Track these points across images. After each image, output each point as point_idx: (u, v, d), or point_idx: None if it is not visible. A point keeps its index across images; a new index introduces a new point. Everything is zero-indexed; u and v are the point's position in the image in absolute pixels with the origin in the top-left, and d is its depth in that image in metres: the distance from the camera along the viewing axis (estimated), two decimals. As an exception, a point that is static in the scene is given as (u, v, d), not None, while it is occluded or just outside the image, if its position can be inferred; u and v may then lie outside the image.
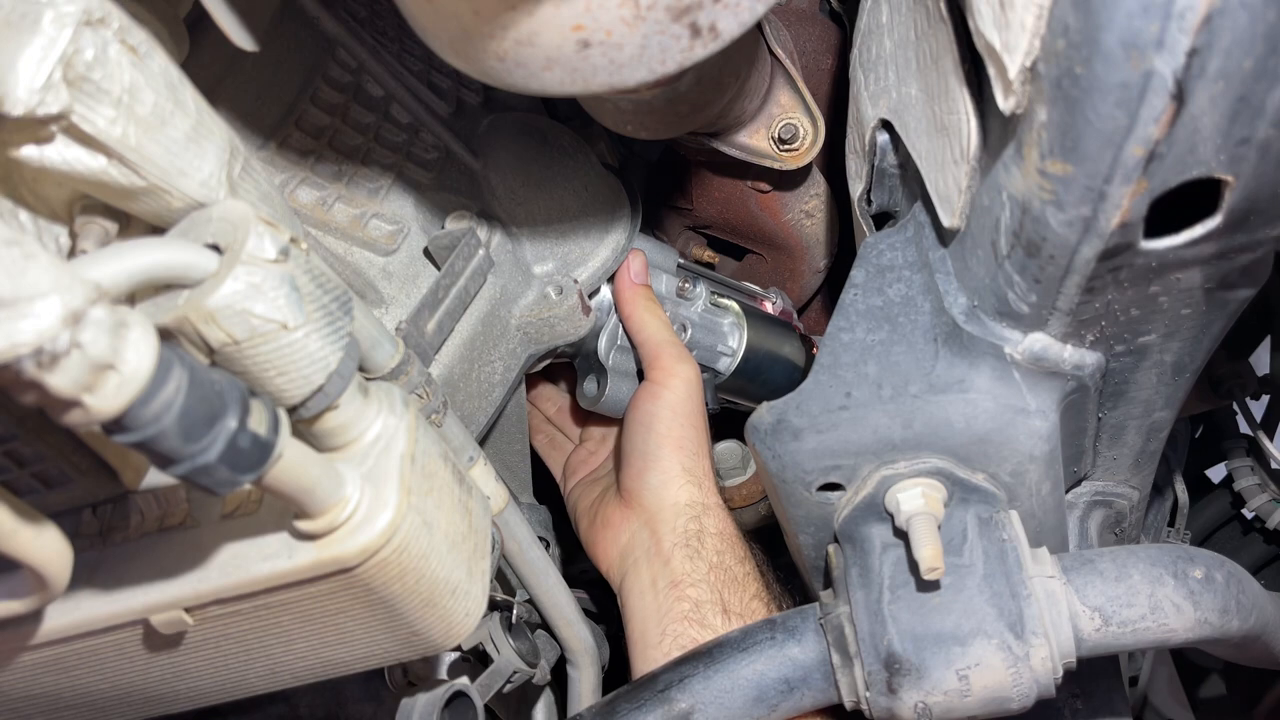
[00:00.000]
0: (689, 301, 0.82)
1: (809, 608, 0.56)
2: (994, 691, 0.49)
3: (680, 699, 0.53)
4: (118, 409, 0.31)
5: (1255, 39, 0.34)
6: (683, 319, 0.81)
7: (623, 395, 0.80)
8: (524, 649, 0.74)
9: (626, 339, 0.80)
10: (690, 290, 0.82)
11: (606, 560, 0.77)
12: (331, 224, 0.67)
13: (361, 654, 0.51)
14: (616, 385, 0.79)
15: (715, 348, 0.84)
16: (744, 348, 0.85)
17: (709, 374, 0.85)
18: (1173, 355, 0.52)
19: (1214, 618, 0.50)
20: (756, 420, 0.52)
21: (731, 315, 0.85)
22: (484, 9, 0.42)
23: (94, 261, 0.36)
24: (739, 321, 0.85)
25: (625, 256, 0.79)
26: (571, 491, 0.86)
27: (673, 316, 0.81)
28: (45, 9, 0.36)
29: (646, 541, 0.74)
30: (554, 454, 0.92)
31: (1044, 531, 0.55)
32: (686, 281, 0.82)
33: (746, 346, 0.85)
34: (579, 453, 0.89)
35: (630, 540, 0.75)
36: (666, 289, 0.82)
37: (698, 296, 0.83)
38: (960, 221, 0.49)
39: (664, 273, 0.83)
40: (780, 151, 0.76)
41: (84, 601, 0.46)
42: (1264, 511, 1.11)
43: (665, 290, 0.82)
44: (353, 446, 0.46)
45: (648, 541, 0.73)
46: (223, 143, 0.43)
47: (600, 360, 0.79)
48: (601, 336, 0.79)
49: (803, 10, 0.82)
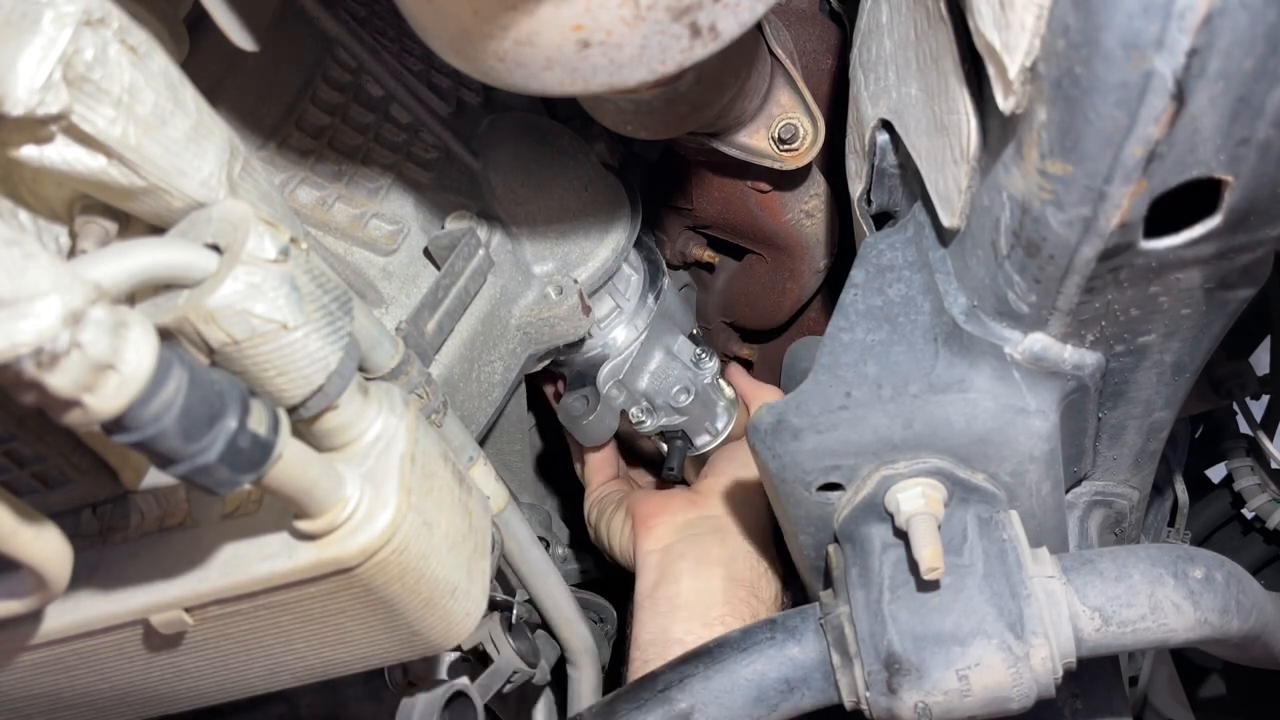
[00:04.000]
0: (700, 371, 0.84)
1: (809, 608, 0.56)
2: (994, 691, 0.49)
3: (680, 699, 0.53)
4: (118, 409, 0.31)
5: (1255, 39, 0.34)
6: (688, 383, 0.83)
7: (603, 428, 0.81)
8: (524, 649, 0.74)
9: (631, 380, 0.82)
10: (705, 362, 0.85)
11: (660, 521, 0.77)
12: (331, 224, 0.67)
13: (361, 654, 0.51)
14: (602, 415, 0.80)
15: (704, 423, 0.86)
16: (728, 434, 0.87)
17: (684, 443, 0.87)
18: (1173, 355, 0.52)
19: (1214, 618, 0.50)
20: (757, 420, 0.52)
21: (726, 400, 0.88)
22: (484, 9, 0.42)
23: (94, 261, 0.36)
24: (730, 408, 0.87)
25: (625, 256, 0.79)
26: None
27: (679, 378, 0.83)
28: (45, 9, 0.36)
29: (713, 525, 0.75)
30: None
31: (1044, 531, 0.55)
32: (704, 352, 0.85)
33: (730, 434, 0.87)
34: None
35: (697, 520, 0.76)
36: (681, 350, 0.84)
37: (709, 369, 0.85)
38: (960, 221, 0.49)
39: (684, 335, 0.85)
40: (780, 151, 0.76)
41: (84, 601, 0.46)
42: (1264, 511, 1.11)
43: (679, 352, 0.84)
44: (353, 446, 0.46)
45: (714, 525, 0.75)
46: (223, 143, 0.43)
47: (596, 387, 0.81)
48: (605, 366, 0.81)
49: (803, 10, 0.82)
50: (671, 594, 0.71)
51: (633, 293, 0.82)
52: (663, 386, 0.83)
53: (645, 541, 0.76)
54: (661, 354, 0.84)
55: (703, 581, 0.71)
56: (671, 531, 0.75)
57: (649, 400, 0.83)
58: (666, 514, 0.76)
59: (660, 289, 0.83)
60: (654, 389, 0.83)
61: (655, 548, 0.75)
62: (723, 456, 0.83)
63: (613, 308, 0.81)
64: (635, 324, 0.82)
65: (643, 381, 0.83)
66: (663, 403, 0.83)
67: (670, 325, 0.85)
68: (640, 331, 0.82)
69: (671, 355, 0.84)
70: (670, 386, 0.83)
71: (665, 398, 0.83)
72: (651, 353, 0.83)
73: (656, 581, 0.73)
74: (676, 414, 0.83)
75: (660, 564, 0.74)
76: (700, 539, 0.74)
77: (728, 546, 0.73)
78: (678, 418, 0.84)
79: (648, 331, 0.82)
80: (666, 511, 0.77)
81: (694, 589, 0.71)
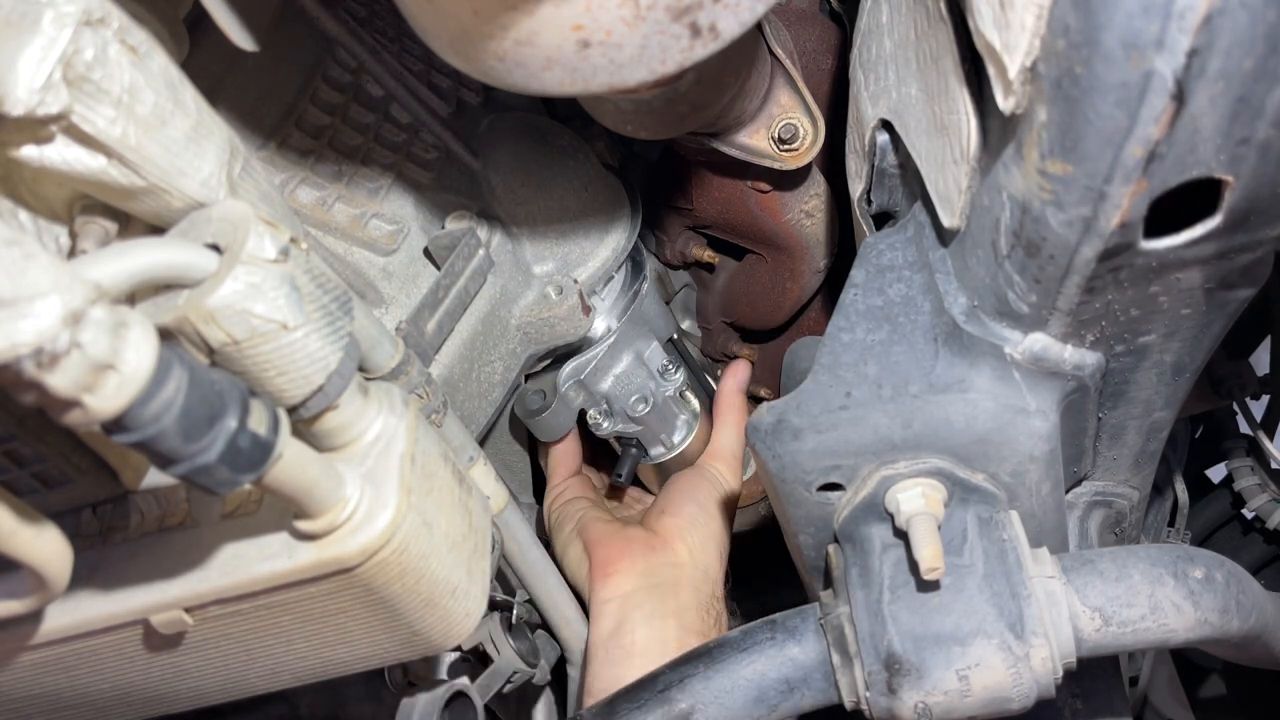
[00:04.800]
0: (664, 383, 0.84)
1: (809, 608, 0.56)
2: (994, 692, 0.49)
3: (680, 699, 0.53)
4: (118, 409, 0.31)
5: (1255, 39, 0.34)
6: (649, 392, 0.82)
7: (557, 424, 0.80)
8: (524, 649, 0.74)
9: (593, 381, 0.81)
10: (670, 374, 0.84)
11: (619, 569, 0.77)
12: (331, 224, 0.67)
13: (361, 654, 0.51)
14: (557, 411, 0.79)
15: (659, 435, 0.86)
16: (684, 448, 0.87)
17: (638, 450, 0.86)
18: (1173, 355, 0.52)
19: (1214, 618, 0.50)
20: (756, 420, 0.52)
21: (688, 414, 0.87)
22: (484, 9, 0.41)
23: (94, 261, 0.36)
24: (691, 423, 0.87)
25: (625, 256, 0.79)
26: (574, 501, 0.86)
27: (640, 387, 0.82)
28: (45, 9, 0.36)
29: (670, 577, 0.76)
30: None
31: (1044, 531, 0.55)
32: (671, 364, 0.84)
33: (687, 449, 0.87)
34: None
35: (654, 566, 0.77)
36: (650, 358, 0.84)
37: (673, 382, 0.84)
38: (960, 221, 0.49)
39: (657, 342, 0.84)
40: (780, 151, 0.75)
41: (84, 601, 0.46)
42: (1264, 511, 1.11)
43: (649, 359, 0.83)
44: (353, 446, 0.46)
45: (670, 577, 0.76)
46: (223, 143, 0.43)
47: (556, 382, 0.80)
48: (569, 363, 0.80)
49: (803, 10, 0.82)
50: (627, 644, 0.72)
51: (609, 292, 0.81)
52: (623, 392, 0.82)
53: (602, 590, 0.76)
54: (630, 358, 0.83)
55: (656, 632, 0.72)
56: (630, 580, 0.76)
57: (609, 403, 0.82)
58: (625, 560, 0.77)
59: (638, 291, 0.82)
60: (615, 393, 0.82)
61: (612, 595, 0.75)
62: (681, 493, 0.82)
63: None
64: (608, 324, 0.81)
65: (605, 383, 0.82)
66: (620, 408, 0.82)
67: (644, 330, 0.83)
68: (611, 334, 0.80)
69: (640, 361, 0.83)
70: (630, 395, 0.82)
71: (623, 404, 0.82)
72: (620, 355, 0.82)
73: (612, 631, 0.74)
74: (633, 422, 0.83)
75: (617, 612, 0.74)
76: (656, 590, 0.75)
77: (681, 598, 0.75)
78: (634, 426, 0.83)
79: (619, 334, 0.81)
80: (625, 558, 0.77)
81: (648, 639, 0.72)
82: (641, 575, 0.76)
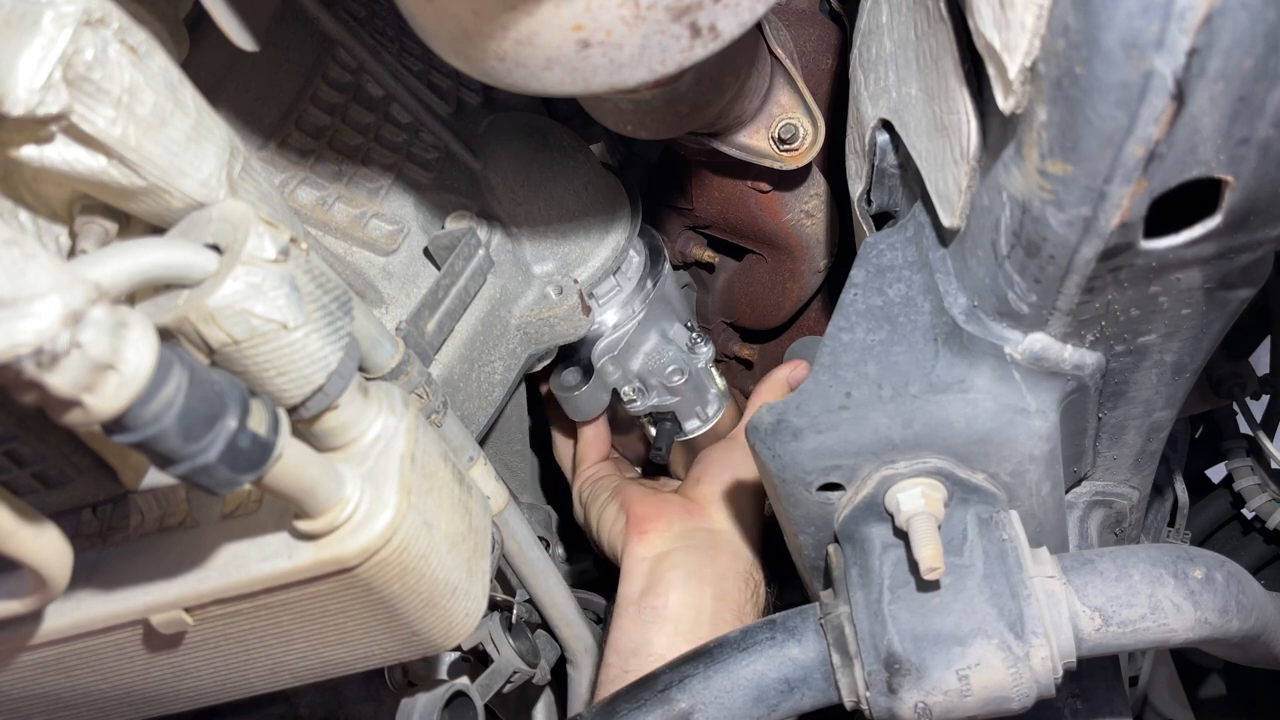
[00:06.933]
0: (694, 355, 0.85)
1: (809, 608, 0.56)
2: (994, 691, 0.49)
3: (680, 699, 0.53)
4: (118, 409, 0.31)
5: (1255, 39, 0.34)
6: (682, 364, 0.83)
7: (594, 403, 0.81)
8: (524, 649, 0.74)
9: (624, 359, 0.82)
10: (699, 347, 0.85)
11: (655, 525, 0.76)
12: (331, 224, 0.67)
13: (361, 654, 0.51)
14: (594, 389, 0.80)
15: (695, 407, 0.86)
16: (716, 422, 0.87)
17: (673, 425, 0.87)
18: (1173, 355, 0.52)
19: (1214, 618, 0.50)
20: (756, 420, 0.52)
21: (718, 389, 0.88)
22: (484, 9, 0.41)
23: (94, 261, 0.36)
24: (721, 398, 0.88)
25: (626, 256, 0.79)
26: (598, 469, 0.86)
27: (673, 359, 0.83)
28: (45, 9, 0.36)
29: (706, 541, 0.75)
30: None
31: (1044, 531, 0.56)
32: (699, 338, 0.85)
33: (719, 423, 0.87)
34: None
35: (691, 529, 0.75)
36: (676, 335, 0.84)
37: (703, 356, 0.85)
38: (960, 221, 0.49)
39: (680, 322, 0.85)
40: (780, 151, 0.75)
41: (84, 601, 0.46)
42: (1264, 511, 1.11)
43: (675, 336, 0.84)
44: (353, 446, 0.46)
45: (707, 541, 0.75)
46: (223, 143, 0.43)
47: (591, 361, 0.81)
48: (601, 342, 0.81)
49: (803, 10, 0.82)
50: (659, 605, 0.71)
51: (633, 274, 0.82)
52: (656, 367, 0.83)
53: (638, 547, 0.75)
54: (657, 336, 0.84)
55: (692, 597, 0.70)
56: (666, 540, 0.74)
57: (642, 380, 0.84)
58: (662, 520, 0.76)
59: (660, 274, 0.83)
60: (647, 369, 0.83)
61: (647, 554, 0.74)
62: (715, 461, 0.82)
63: (612, 287, 0.81)
64: (633, 305, 0.82)
65: (636, 361, 0.83)
66: (655, 383, 0.83)
67: (668, 310, 0.85)
68: (637, 313, 0.82)
69: (667, 339, 0.84)
70: (665, 367, 0.83)
71: (659, 378, 0.83)
72: (647, 334, 0.83)
73: (644, 590, 0.72)
74: (669, 394, 0.83)
75: (651, 572, 0.73)
76: (694, 552, 0.73)
77: (719, 564, 0.73)
78: (669, 399, 0.84)
79: (645, 314, 0.82)
80: (662, 518, 0.76)
81: (682, 604, 0.70)
82: (679, 536, 0.75)
